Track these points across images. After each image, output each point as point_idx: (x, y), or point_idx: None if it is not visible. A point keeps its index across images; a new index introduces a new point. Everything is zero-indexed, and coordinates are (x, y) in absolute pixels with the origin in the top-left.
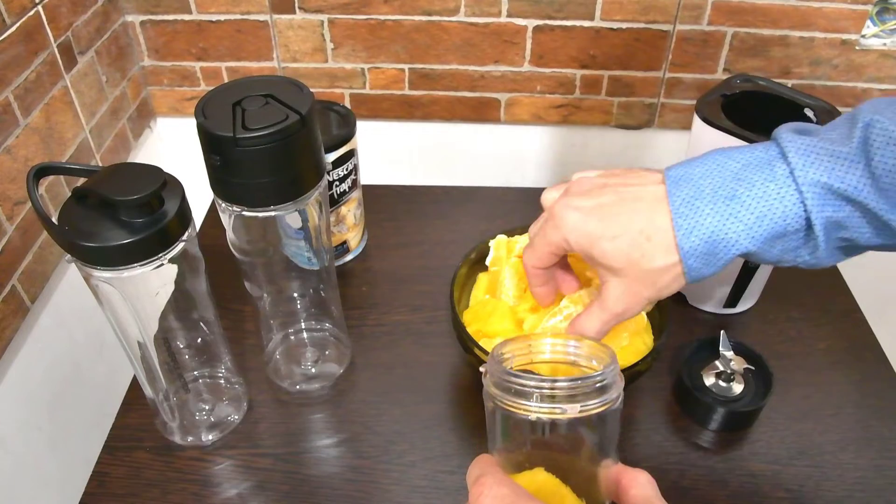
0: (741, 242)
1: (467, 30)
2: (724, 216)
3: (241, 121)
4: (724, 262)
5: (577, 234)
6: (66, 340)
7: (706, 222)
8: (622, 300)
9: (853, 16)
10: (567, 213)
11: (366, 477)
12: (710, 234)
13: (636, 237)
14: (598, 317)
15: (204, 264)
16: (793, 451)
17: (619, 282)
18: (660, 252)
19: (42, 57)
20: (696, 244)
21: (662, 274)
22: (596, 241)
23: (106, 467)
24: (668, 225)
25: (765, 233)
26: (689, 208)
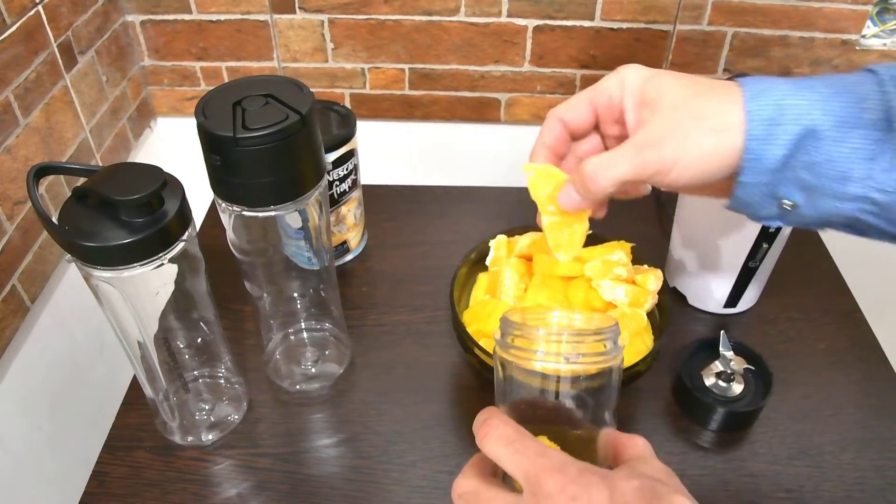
0: (812, 112)
1: (467, 30)
2: (797, 87)
3: (241, 121)
4: (788, 137)
5: (638, 74)
6: (66, 340)
7: (778, 87)
8: (656, 129)
9: (853, 16)
10: (629, 66)
11: (366, 477)
12: (780, 99)
13: (699, 83)
14: (628, 157)
15: (204, 264)
16: (793, 451)
17: (664, 114)
18: (723, 100)
19: (42, 57)
20: (762, 106)
21: (718, 117)
22: (656, 78)
23: (106, 467)
24: (737, 89)
25: (838, 109)
26: (760, 81)
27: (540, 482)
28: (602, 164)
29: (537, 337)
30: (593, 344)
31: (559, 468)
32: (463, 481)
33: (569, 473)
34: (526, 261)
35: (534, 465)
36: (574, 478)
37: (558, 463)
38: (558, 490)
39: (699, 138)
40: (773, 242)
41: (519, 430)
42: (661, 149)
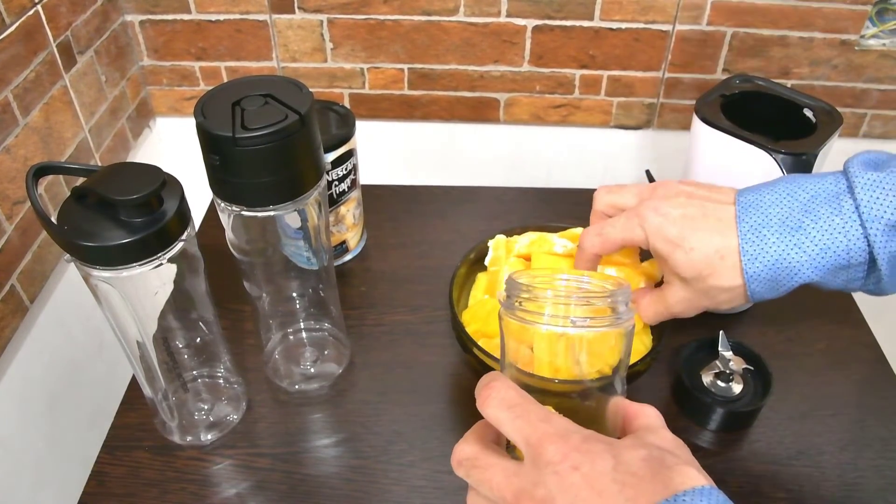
0: (804, 272)
1: (467, 30)
2: (789, 245)
3: (240, 120)
4: (787, 289)
5: (659, 238)
6: (66, 340)
7: (771, 250)
8: (682, 304)
9: (852, 16)
10: (653, 216)
11: (365, 477)
12: (775, 262)
13: (711, 255)
14: (656, 308)
15: (203, 264)
16: (792, 451)
17: (684, 288)
18: (728, 272)
19: (41, 56)
20: (760, 270)
21: (726, 292)
22: (674, 248)
23: (105, 467)
24: (737, 248)
25: (828, 264)
26: (756, 235)
27: (541, 449)
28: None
29: (544, 299)
30: (602, 307)
31: (562, 435)
32: (463, 447)
33: (571, 441)
34: (525, 261)
35: (535, 431)
36: (577, 445)
37: (561, 429)
38: (560, 458)
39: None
40: None
41: (522, 394)
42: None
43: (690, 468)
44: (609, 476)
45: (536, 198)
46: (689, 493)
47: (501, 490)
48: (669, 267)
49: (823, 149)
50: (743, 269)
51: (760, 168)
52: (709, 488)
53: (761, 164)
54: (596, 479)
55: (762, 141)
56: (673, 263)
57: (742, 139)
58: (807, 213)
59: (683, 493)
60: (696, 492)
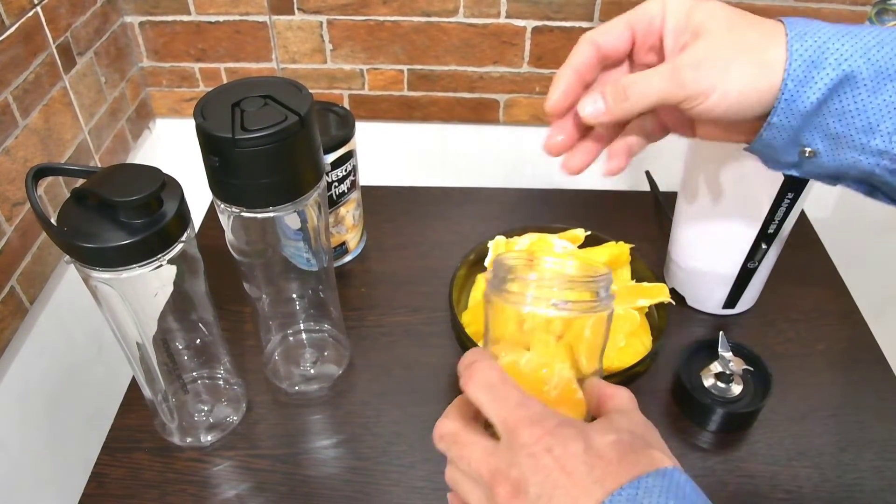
0: (853, 58)
1: (466, 31)
2: (842, 32)
3: (240, 122)
4: (826, 81)
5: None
6: (65, 341)
7: (823, 31)
8: (696, 52)
9: (852, 17)
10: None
11: (365, 478)
12: (823, 42)
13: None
14: (666, 76)
15: (203, 265)
16: (792, 452)
17: (705, 39)
18: (766, 35)
19: (41, 58)
20: (805, 47)
21: (759, 51)
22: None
23: (105, 468)
24: (781, 27)
25: (880, 59)
26: (806, 22)
27: (516, 432)
28: (638, 79)
29: (528, 281)
30: (583, 292)
31: (537, 419)
32: (445, 422)
33: (545, 425)
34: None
35: (512, 414)
36: (550, 429)
37: (536, 414)
38: (533, 441)
39: (740, 69)
40: (771, 243)
41: (502, 377)
42: (701, 72)
43: (656, 451)
44: (580, 458)
45: (536, 199)
46: (651, 474)
47: (479, 468)
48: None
49: None
50: (787, 42)
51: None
52: (671, 469)
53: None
54: (567, 461)
55: None
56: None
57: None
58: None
59: (647, 474)
60: (658, 472)
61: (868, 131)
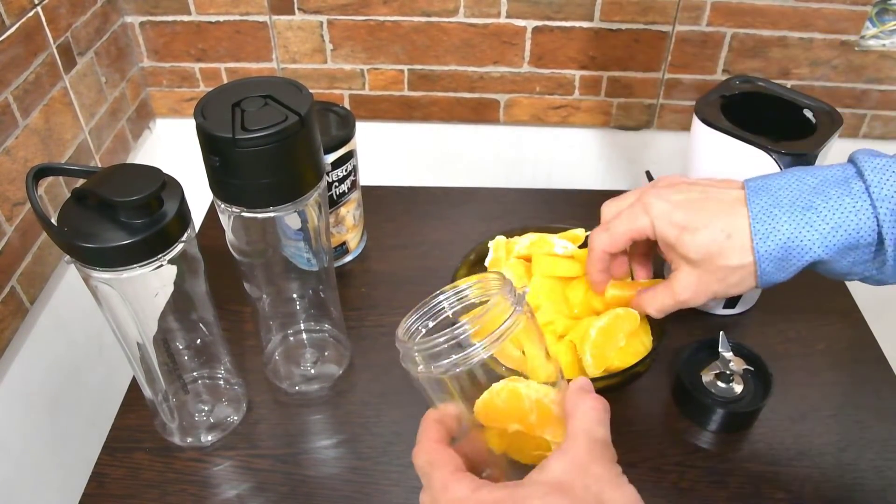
0: (815, 250)
1: (466, 31)
2: (800, 224)
3: (240, 122)
4: (796, 268)
5: (664, 222)
6: (66, 341)
7: (783, 229)
8: (690, 289)
9: (852, 17)
10: (657, 202)
11: (365, 478)
12: (786, 241)
13: (717, 234)
14: (663, 299)
15: (203, 265)
16: (792, 451)
17: (692, 272)
18: (737, 251)
19: (41, 58)
20: (771, 249)
21: (735, 272)
22: (680, 231)
23: (105, 468)
24: (747, 228)
25: (838, 243)
26: (768, 215)
27: None
28: (649, 302)
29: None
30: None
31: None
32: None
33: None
34: (525, 261)
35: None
36: None
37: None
38: None
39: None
40: None
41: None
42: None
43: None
44: None
45: (537, 199)
46: None
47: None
48: (677, 251)
49: (823, 149)
50: (754, 249)
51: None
52: None
53: (761, 164)
54: None
55: (762, 142)
56: (680, 246)
57: (742, 140)
58: (817, 195)
59: None
60: None
61: (841, 276)
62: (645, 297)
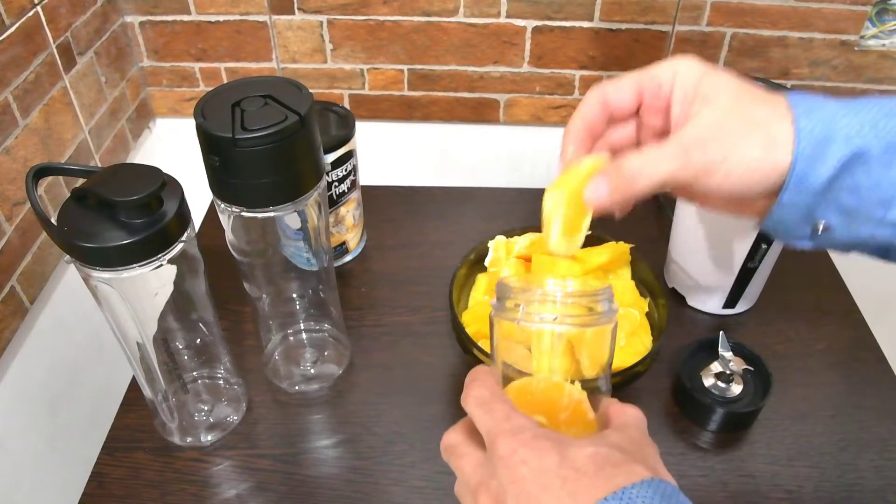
0: (863, 134)
1: (466, 30)
2: (848, 108)
3: (240, 121)
4: (836, 158)
5: (692, 67)
6: (65, 341)
7: (828, 107)
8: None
9: (852, 17)
10: (684, 57)
11: (365, 477)
12: (830, 120)
13: (752, 90)
14: (672, 156)
15: (203, 265)
16: (792, 451)
17: (713, 111)
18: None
19: (41, 58)
20: (813, 126)
21: (768, 129)
22: (709, 76)
23: (105, 468)
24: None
25: (891, 132)
26: (811, 98)
27: (496, 444)
28: (644, 163)
29: (529, 298)
30: (584, 306)
31: (514, 432)
32: (450, 434)
33: (522, 437)
34: (525, 261)
35: (494, 427)
36: (526, 441)
37: (516, 427)
38: (509, 452)
39: (748, 147)
40: (771, 243)
41: (493, 393)
42: (708, 150)
43: (638, 465)
44: (553, 472)
45: (536, 199)
46: (627, 489)
47: (469, 478)
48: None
49: None
50: (794, 120)
51: None
52: (649, 480)
53: None
54: (541, 473)
55: None
56: (710, 83)
57: None
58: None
59: (622, 490)
60: (643, 483)
61: (883, 205)
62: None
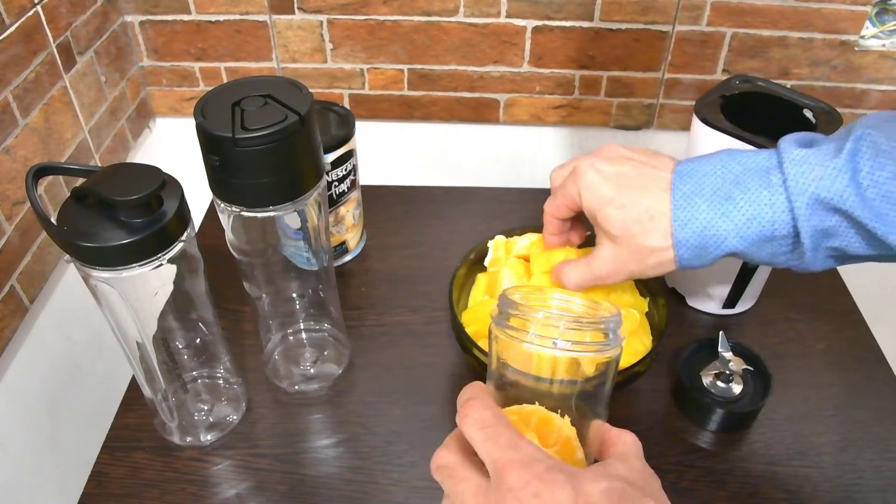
0: (730, 241)
1: (466, 30)
2: (717, 214)
3: (240, 121)
4: (713, 257)
5: (591, 194)
6: (65, 340)
7: (700, 217)
8: (608, 265)
9: (852, 17)
10: (588, 172)
11: (365, 477)
12: (703, 229)
13: (640, 213)
14: (581, 272)
15: (203, 264)
16: (792, 451)
17: (612, 248)
18: (657, 233)
19: (41, 57)
20: (688, 236)
21: (654, 254)
22: (605, 204)
23: (104, 468)
24: (668, 212)
25: (753, 235)
26: (688, 202)
27: (505, 474)
28: (568, 274)
29: (533, 319)
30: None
31: (526, 463)
32: (443, 453)
33: (534, 469)
34: (524, 261)
35: (502, 456)
36: (539, 474)
37: (526, 457)
38: (521, 485)
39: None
40: None
41: (496, 416)
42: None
43: (648, 500)
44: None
45: (536, 198)
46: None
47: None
48: (599, 224)
49: None
50: (673, 235)
51: None
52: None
53: None
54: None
55: (762, 141)
56: (603, 219)
57: (742, 140)
58: (737, 185)
59: None
60: None
61: (766, 263)
62: (564, 269)
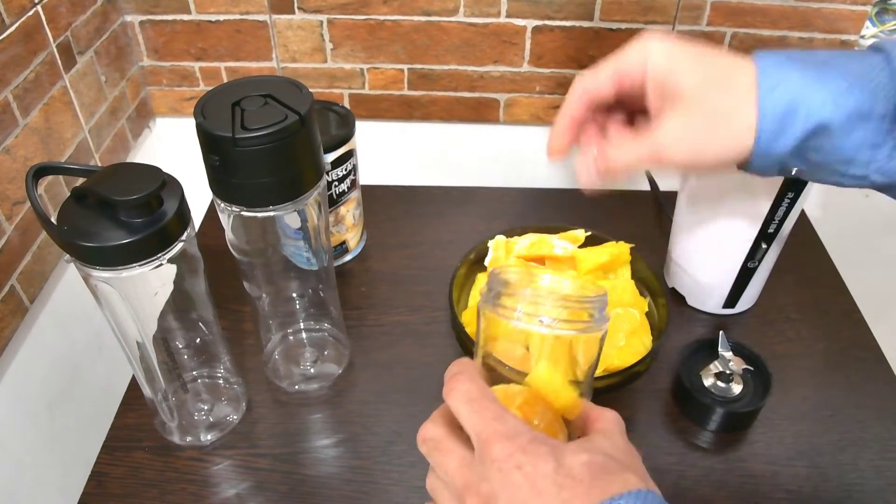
0: (825, 109)
1: (466, 30)
2: (812, 79)
3: (240, 121)
4: (798, 132)
5: (661, 54)
6: (65, 340)
7: (792, 80)
8: (673, 133)
9: (852, 16)
10: (654, 37)
11: (364, 477)
12: (793, 95)
13: (718, 73)
14: (637, 147)
15: (203, 264)
16: (792, 451)
17: (680, 115)
18: (737, 93)
19: (41, 57)
20: (775, 101)
21: (731, 120)
22: (677, 61)
23: (104, 467)
24: (753, 77)
25: (850, 106)
26: (777, 67)
27: (489, 446)
28: (621, 154)
29: (521, 296)
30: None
31: (510, 435)
32: (429, 427)
33: (518, 441)
34: (524, 261)
35: (486, 428)
36: (522, 446)
37: (510, 429)
38: (504, 456)
39: (713, 144)
40: (771, 243)
41: (482, 390)
42: (677, 152)
43: (631, 474)
44: (549, 478)
45: (536, 198)
46: (624, 495)
47: (454, 478)
48: (667, 86)
49: None
50: (758, 100)
51: None
52: (644, 491)
53: None
54: (537, 479)
55: None
56: (673, 76)
57: None
58: (834, 57)
59: (619, 495)
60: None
61: (845, 163)
62: (611, 148)
